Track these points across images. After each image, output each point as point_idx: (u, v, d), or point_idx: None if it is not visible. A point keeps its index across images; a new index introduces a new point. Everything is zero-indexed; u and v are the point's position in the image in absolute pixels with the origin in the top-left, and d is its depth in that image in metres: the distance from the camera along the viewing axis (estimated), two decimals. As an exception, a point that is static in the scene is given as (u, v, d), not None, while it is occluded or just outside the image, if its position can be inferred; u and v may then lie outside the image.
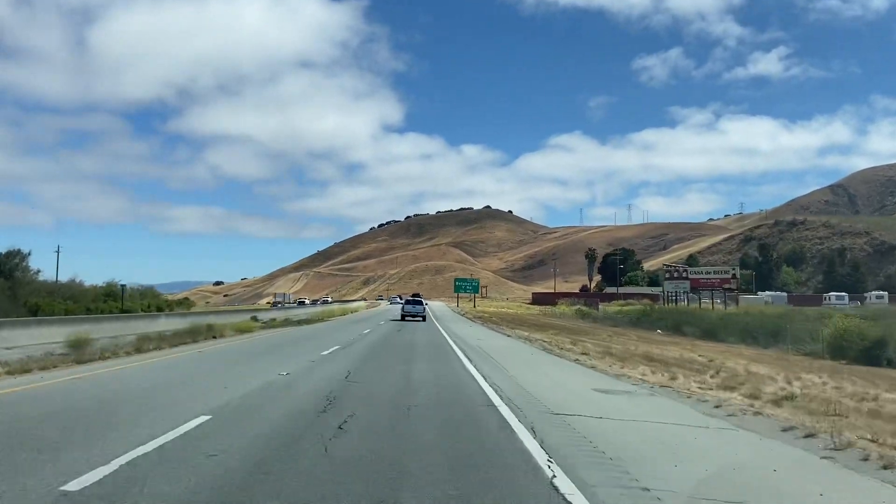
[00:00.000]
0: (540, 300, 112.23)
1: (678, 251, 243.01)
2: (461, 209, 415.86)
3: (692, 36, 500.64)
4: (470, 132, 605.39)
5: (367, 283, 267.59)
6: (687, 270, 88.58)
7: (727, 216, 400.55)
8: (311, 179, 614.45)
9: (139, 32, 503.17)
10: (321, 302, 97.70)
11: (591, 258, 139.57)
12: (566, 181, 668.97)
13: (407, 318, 46.30)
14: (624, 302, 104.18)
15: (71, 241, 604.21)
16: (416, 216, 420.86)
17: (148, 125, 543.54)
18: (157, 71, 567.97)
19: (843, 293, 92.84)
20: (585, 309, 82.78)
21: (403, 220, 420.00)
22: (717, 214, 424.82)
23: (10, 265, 52.60)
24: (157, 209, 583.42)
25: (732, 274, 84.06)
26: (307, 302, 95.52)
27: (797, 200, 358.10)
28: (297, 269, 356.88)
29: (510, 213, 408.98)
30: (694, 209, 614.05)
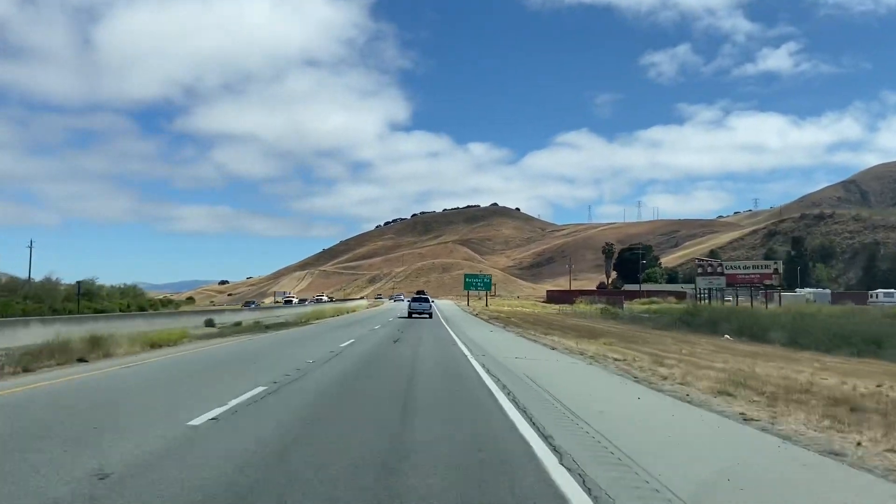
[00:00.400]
0: (556, 298, 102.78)
1: (691, 248, 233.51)
2: (468, 206, 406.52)
3: (700, 32, 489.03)
4: (477, 130, 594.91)
5: (372, 281, 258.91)
6: (722, 265, 79.05)
7: (737, 213, 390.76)
8: (317, 178, 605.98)
9: (144, 31, 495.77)
10: (313, 301, 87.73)
11: (608, 254, 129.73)
12: (573, 179, 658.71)
13: (414, 315, 47.24)
14: (648, 300, 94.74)
15: (77, 241, 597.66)
16: (422, 214, 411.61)
17: (154, 124, 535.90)
18: (162, 69, 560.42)
19: (891, 290, 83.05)
20: (612, 309, 73.36)
21: (410, 217, 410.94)
22: (725, 212, 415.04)
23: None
24: (163, 209, 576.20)
25: (774, 269, 74.48)
26: (295, 301, 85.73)
27: (808, 197, 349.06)
28: (302, 267, 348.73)
29: (517, 210, 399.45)
30: (702, 207, 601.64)
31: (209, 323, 28.92)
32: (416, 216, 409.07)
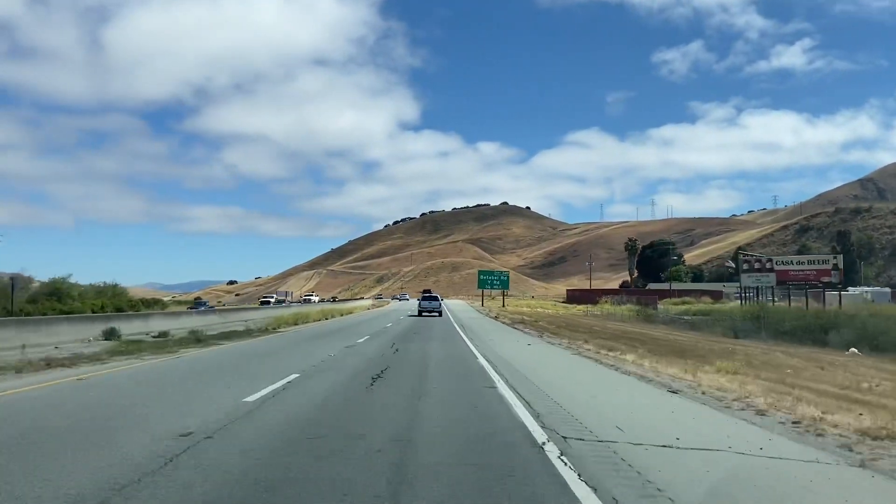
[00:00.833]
0: (577, 298, 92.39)
1: (709, 246, 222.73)
2: (478, 205, 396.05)
3: (713, 28, 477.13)
4: (486, 129, 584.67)
5: (380, 280, 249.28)
6: (772, 260, 68.40)
7: (751, 212, 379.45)
8: (327, 178, 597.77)
9: (154, 31, 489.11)
10: (301, 300, 76.89)
11: (631, 250, 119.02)
12: (584, 178, 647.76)
13: (424, 313, 46.72)
14: (680, 300, 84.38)
15: (88, 241, 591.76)
16: (431, 213, 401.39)
17: (164, 125, 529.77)
18: (172, 70, 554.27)
19: (959, 288, 72.32)
20: (647, 310, 63.09)
21: (419, 217, 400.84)
22: (737, 211, 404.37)
23: None
24: (174, 209, 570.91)
25: (834, 264, 63.71)
26: (272, 301, 74.86)
27: (825, 195, 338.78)
28: (310, 267, 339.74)
29: (528, 209, 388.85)
30: (713, 206, 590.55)
31: (109, 334, 18.99)
32: (425, 215, 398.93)
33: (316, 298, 78.12)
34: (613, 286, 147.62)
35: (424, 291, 79.22)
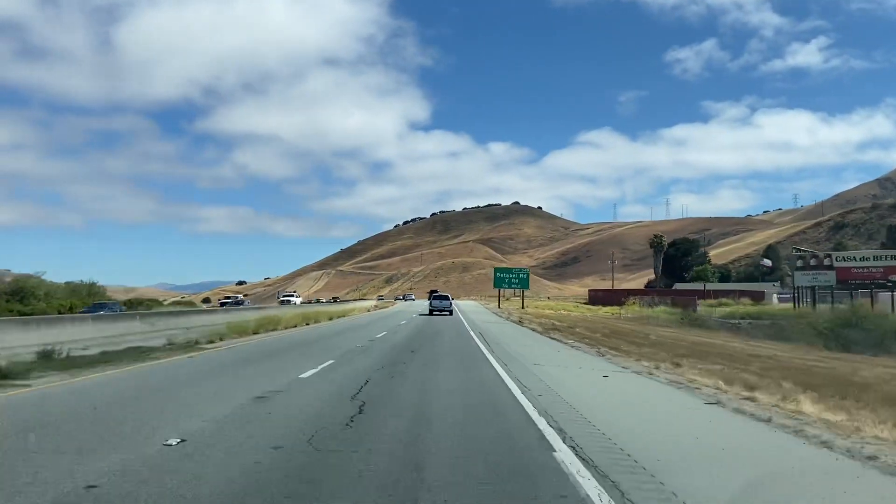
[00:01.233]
0: (600, 299, 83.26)
1: (725, 246, 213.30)
2: (489, 205, 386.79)
3: (727, 27, 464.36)
4: (497, 129, 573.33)
5: (389, 281, 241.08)
6: (831, 257, 59.32)
7: (766, 212, 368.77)
8: (337, 178, 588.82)
9: (164, 31, 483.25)
10: (280, 300, 66.53)
11: (657, 247, 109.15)
12: (595, 179, 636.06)
13: (435, 312, 45.99)
14: (716, 301, 75.22)
15: (100, 242, 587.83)
16: (441, 213, 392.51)
17: (175, 125, 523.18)
18: (182, 70, 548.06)
19: None
20: (690, 313, 54.12)
21: (429, 216, 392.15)
22: (752, 211, 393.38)
23: None
24: (185, 210, 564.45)
25: (905, 260, 54.72)
26: (232, 301, 64.41)
27: (843, 195, 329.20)
28: (319, 267, 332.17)
29: (539, 209, 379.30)
30: (726, 206, 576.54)
31: None
32: (435, 215, 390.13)
33: (298, 300, 67.33)
34: (631, 286, 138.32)
35: (431, 292, 75.93)
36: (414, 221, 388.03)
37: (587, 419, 7.94)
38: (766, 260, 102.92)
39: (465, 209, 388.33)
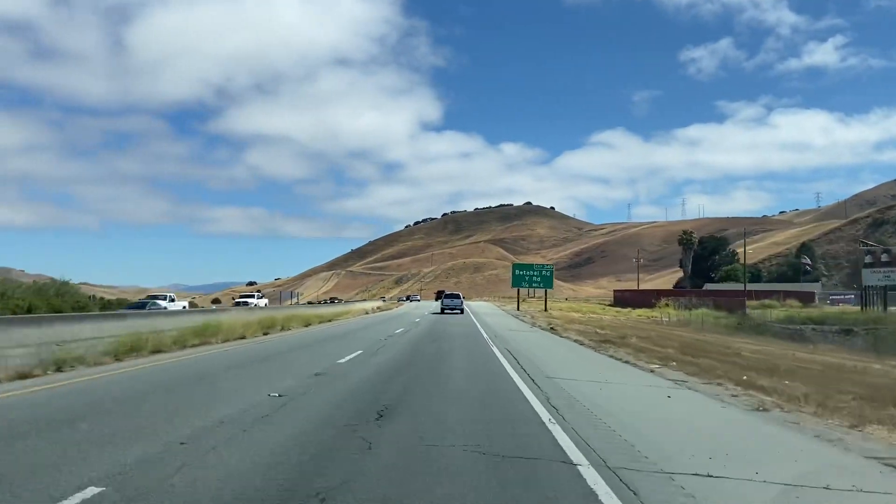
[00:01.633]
0: (627, 300, 74.49)
1: (750, 245, 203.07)
2: (501, 205, 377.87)
3: (743, 25, 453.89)
4: (509, 130, 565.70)
5: (399, 281, 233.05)
6: (905, 250, 50.60)
7: (783, 212, 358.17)
8: (349, 179, 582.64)
9: (175, 32, 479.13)
10: (235, 301, 53.79)
11: (687, 244, 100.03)
12: (608, 179, 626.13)
13: (446, 311, 46.28)
14: (758, 302, 66.42)
15: (113, 242, 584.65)
16: (453, 213, 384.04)
17: (187, 126, 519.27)
18: (194, 71, 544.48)
19: None
20: (749, 318, 45.45)
21: (440, 217, 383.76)
22: (767, 211, 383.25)
23: None
24: (198, 210, 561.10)
25: None
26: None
27: (862, 195, 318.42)
28: (330, 268, 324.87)
29: (552, 209, 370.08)
30: (740, 207, 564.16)
31: None
32: (446, 215, 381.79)
33: (262, 301, 51.59)
34: (651, 286, 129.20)
35: (439, 292, 75.27)
36: (425, 222, 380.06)
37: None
38: (805, 259, 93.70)
39: (476, 209, 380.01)
